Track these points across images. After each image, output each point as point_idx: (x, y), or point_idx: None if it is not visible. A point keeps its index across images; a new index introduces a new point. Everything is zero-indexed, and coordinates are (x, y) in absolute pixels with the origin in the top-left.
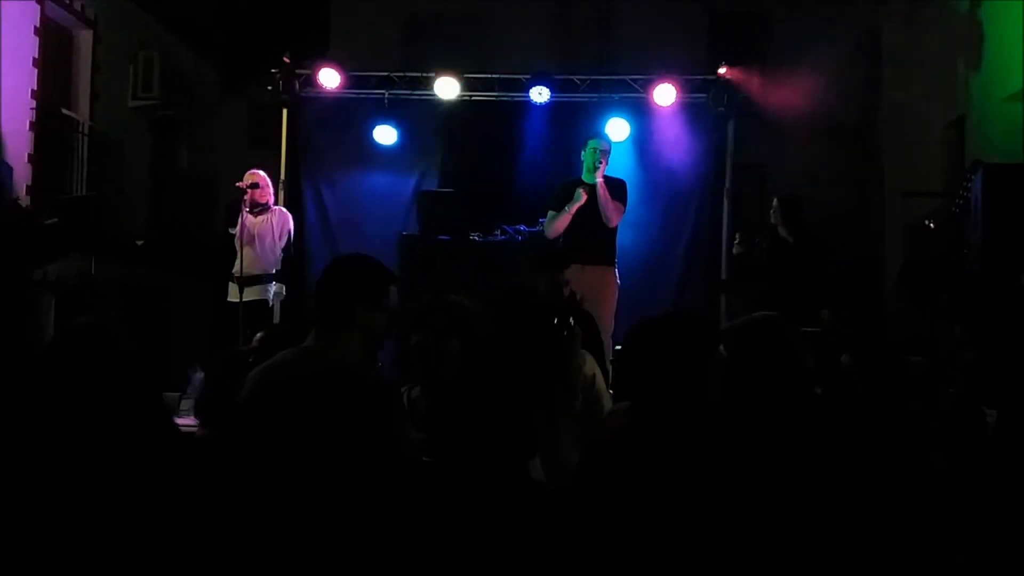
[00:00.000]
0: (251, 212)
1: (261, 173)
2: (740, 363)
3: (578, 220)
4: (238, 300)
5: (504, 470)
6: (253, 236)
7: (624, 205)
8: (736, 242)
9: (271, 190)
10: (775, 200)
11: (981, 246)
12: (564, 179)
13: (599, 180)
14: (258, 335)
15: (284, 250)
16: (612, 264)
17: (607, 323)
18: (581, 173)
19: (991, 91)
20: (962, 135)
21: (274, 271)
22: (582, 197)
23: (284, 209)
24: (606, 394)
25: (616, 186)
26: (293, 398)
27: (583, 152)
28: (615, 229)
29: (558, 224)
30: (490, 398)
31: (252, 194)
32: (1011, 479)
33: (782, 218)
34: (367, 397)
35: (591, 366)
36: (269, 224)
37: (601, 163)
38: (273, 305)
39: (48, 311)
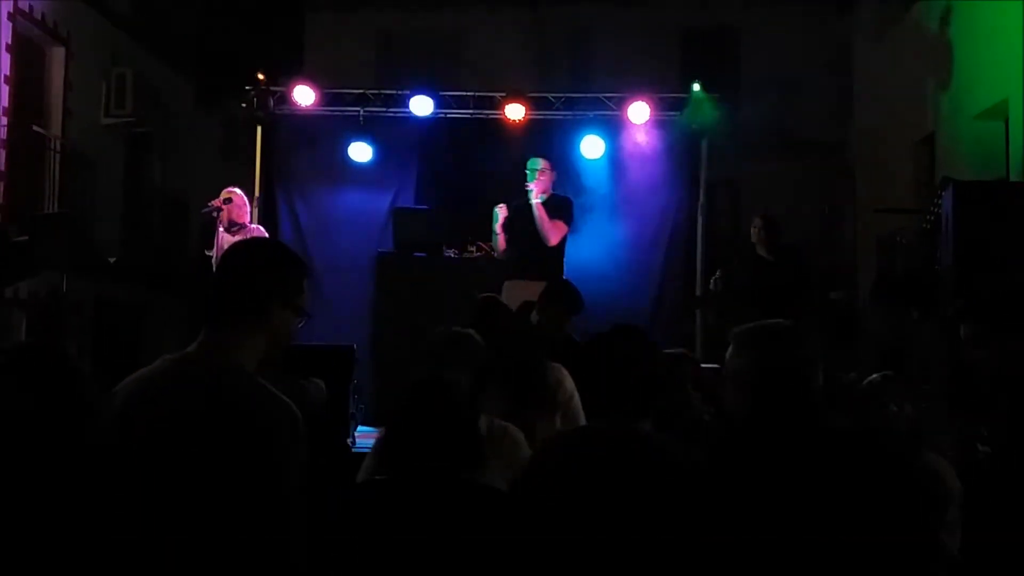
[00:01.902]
0: (227, 231)
1: (237, 191)
2: (752, 367)
3: (520, 237)
4: None
5: (452, 480)
6: None
7: (566, 223)
8: (716, 277)
9: (248, 208)
10: (757, 219)
11: (952, 262)
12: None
13: (535, 201)
14: None
15: None
16: (542, 278)
17: None
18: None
19: (960, 109)
20: (932, 152)
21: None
22: (499, 216)
23: (261, 227)
24: (581, 411)
25: (559, 205)
26: (180, 418)
27: None
28: (560, 246)
29: (498, 242)
30: (435, 411)
31: (228, 211)
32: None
33: (765, 237)
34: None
35: (571, 382)
36: None
37: (535, 182)
38: None
39: (19, 329)
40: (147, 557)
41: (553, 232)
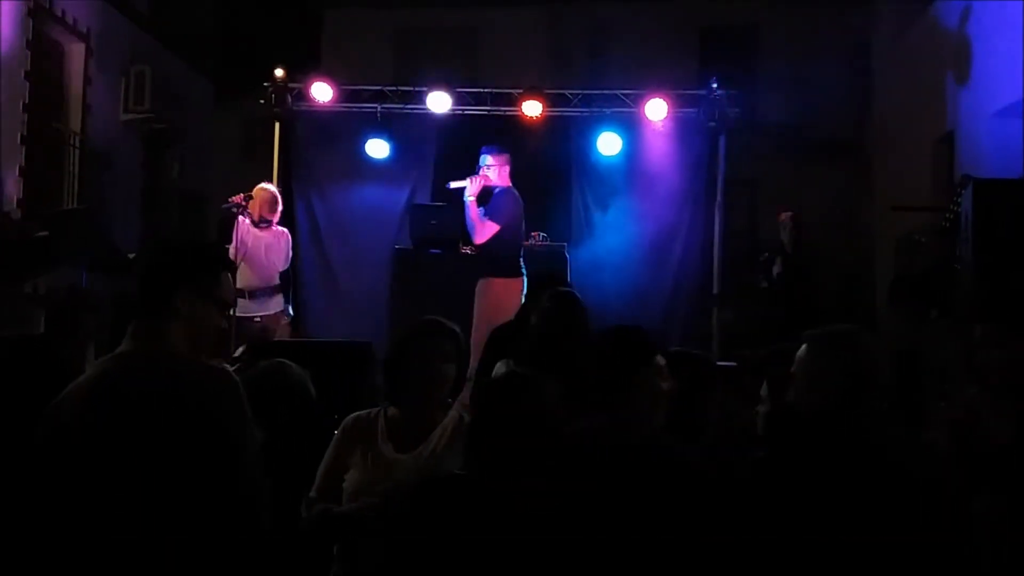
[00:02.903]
0: (256, 226)
1: (272, 188)
2: (816, 369)
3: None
4: (246, 315)
5: (535, 483)
6: (260, 250)
7: (496, 221)
8: (776, 265)
9: (280, 207)
10: (785, 215)
11: (972, 261)
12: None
13: (467, 198)
14: (241, 347)
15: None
16: (496, 275)
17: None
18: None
19: (980, 106)
20: (952, 150)
21: (278, 283)
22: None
23: (286, 230)
24: None
25: (494, 201)
26: (129, 408)
27: None
28: (501, 242)
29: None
30: (522, 412)
31: (260, 209)
32: None
33: (795, 234)
34: (206, 400)
35: None
36: (278, 242)
37: (471, 177)
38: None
39: (38, 325)
40: (124, 545)
41: (477, 230)
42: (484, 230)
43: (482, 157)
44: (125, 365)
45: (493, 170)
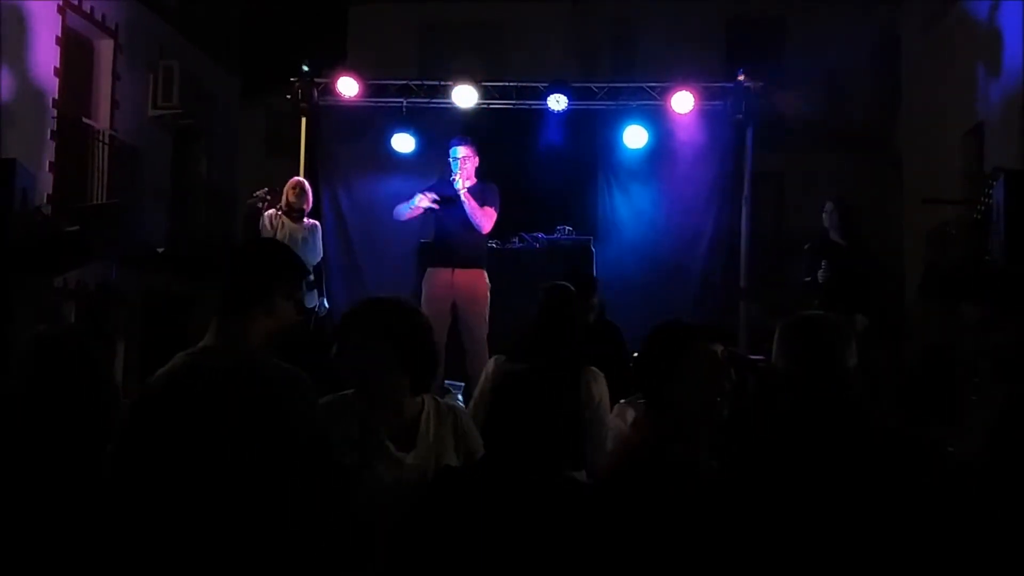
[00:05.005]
0: (288, 216)
1: (301, 180)
2: (787, 358)
3: (448, 226)
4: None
5: (553, 478)
6: (296, 242)
7: (495, 209)
8: (822, 270)
9: (311, 198)
10: (829, 203)
11: (1004, 252)
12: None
13: (462, 191)
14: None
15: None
16: (482, 267)
17: (479, 325)
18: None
19: (1010, 98)
20: (981, 142)
21: (311, 279)
22: (417, 202)
23: (316, 222)
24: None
25: (484, 191)
26: (209, 406)
27: None
28: (484, 233)
29: (404, 212)
30: (540, 406)
31: (288, 197)
32: None
33: (838, 222)
34: (287, 393)
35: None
36: (312, 233)
37: (459, 171)
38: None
39: (69, 318)
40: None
41: (484, 219)
42: (489, 218)
43: (456, 149)
44: (213, 359)
45: (469, 161)
